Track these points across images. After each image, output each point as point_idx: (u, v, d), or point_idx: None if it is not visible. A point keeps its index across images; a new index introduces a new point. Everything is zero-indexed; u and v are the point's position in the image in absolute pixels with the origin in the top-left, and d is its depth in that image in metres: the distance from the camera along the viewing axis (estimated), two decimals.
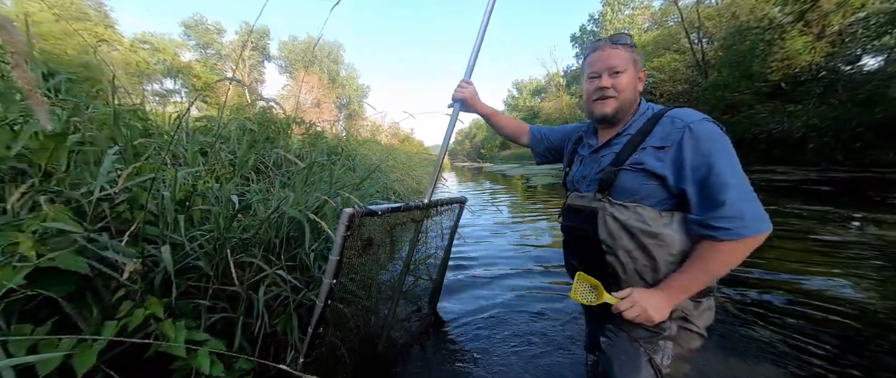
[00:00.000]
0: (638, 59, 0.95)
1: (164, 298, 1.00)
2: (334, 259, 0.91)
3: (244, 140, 1.73)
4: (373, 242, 1.12)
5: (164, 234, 1.03)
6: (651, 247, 0.84)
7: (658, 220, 0.84)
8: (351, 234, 0.94)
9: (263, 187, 1.73)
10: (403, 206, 1.18)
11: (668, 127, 0.86)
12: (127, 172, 0.86)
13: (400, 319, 1.69)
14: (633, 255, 0.86)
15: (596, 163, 1.00)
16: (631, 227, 0.85)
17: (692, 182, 0.79)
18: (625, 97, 0.94)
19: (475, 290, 2.32)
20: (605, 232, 0.90)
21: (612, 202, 0.89)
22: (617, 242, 0.88)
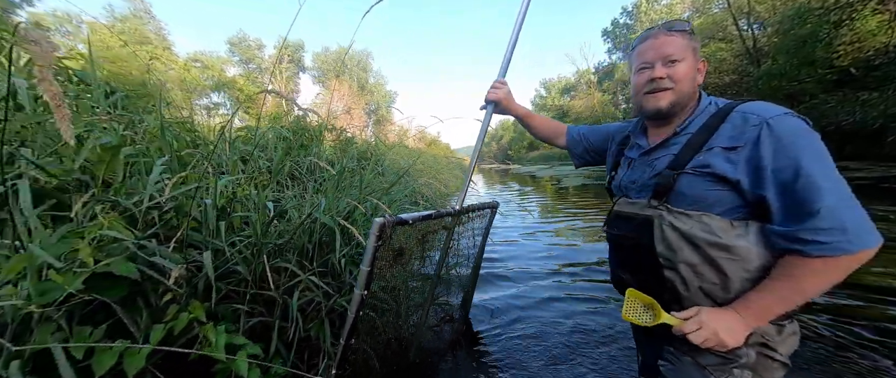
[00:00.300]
0: (697, 47, 0.84)
1: (206, 303, 1.05)
2: (365, 270, 0.89)
3: (279, 147, 1.79)
4: (404, 252, 1.09)
5: (206, 240, 1.08)
6: (722, 261, 0.72)
7: (729, 230, 0.72)
8: (382, 245, 0.92)
9: (298, 193, 1.78)
10: (435, 214, 1.15)
11: (739, 124, 0.74)
12: (173, 182, 0.90)
13: (431, 327, 1.65)
14: (698, 271, 0.75)
15: (649, 166, 0.89)
16: (695, 237, 0.74)
17: (774, 187, 0.68)
18: (682, 89, 0.82)
19: (508, 298, 2.23)
20: (663, 243, 0.79)
21: (670, 210, 0.79)
22: (677, 255, 0.77)
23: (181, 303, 0.98)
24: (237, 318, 1.17)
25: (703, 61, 0.87)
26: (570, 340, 1.73)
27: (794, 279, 0.67)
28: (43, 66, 0.34)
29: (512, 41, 1.17)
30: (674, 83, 0.82)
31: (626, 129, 1.11)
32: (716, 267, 0.73)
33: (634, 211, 0.88)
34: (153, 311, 0.94)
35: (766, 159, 0.69)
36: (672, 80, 0.82)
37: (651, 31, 0.86)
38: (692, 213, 0.75)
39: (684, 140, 0.82)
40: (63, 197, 0.98)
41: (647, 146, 0.94)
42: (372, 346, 1.32)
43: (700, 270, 0.75)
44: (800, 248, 0.65)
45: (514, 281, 2.54)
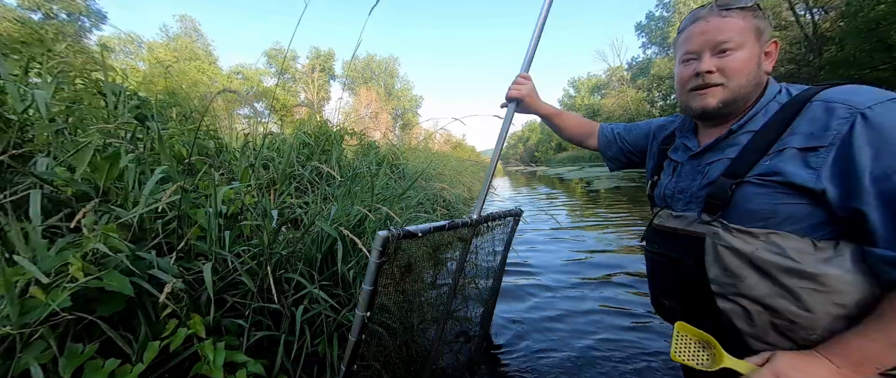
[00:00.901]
0: (765, 26, 0.67)
1: (213, 315, 1.00)
2: (367, 289, 0.80)
3: (291, 153, 1.76)
4: (413, 267, 0.98)
5: (211, 250, 1.04)
6: (803, 292, 0.57)
7: (812, 253, 0.56)
8: (386, 261, 0.82)
9: (314, 199, 1.74)
10: (449, 224, 1.03)
11: (821, 116, 0.58)
12: (171, 190, 0.86)
13: (448, 344, 1.54)
14: (769, 304, 0.60)
15: (699, 173, 0.74)
16: (764, 262, 0.59)
17: (877, 199, 0.51)
18: (738, 84, 0.67)
19: (533, 311, 2.06)
20: (718, 268, 0.65)
21: (727, 227, 0.64)
22: (739, 284, 0.62)
23: (181, 317, 0.94)
24: (242, 332, 1.12)
25: (773, 42, 0.69)
26: (603, 361, 1.54)
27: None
28: None
29: (536, 32, 1.03)
30: (726, 78, 0.67)
31: (670, 124, 0.94)
32: (795, 298, 0.58)
33: (680, 226, 0.73)
34: (153, 325, 0.91)
35: (862, 162, 0.52)
36: (724, 73, 0.67)
37: (701, 10, 0.70)
38: (758, 231, 0.60)
39: (745, 140, 0.67)
40: (78, 207, 0.98)
41: (696, 148, 0.77)
42: (382, 365, 1.23)
43: (772, 303, 0.60)
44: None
45: (541, 292, 2.35)
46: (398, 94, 45.01)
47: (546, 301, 2.22)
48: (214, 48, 35.99)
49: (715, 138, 0.73)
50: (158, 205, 0.80)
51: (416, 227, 0.88)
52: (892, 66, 11.05)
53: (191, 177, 1.19)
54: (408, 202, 1.86)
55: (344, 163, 2.83)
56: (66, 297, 0.68)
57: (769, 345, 0.61)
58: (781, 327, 0.60)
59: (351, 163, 2.84)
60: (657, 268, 0.85)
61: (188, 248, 1.09)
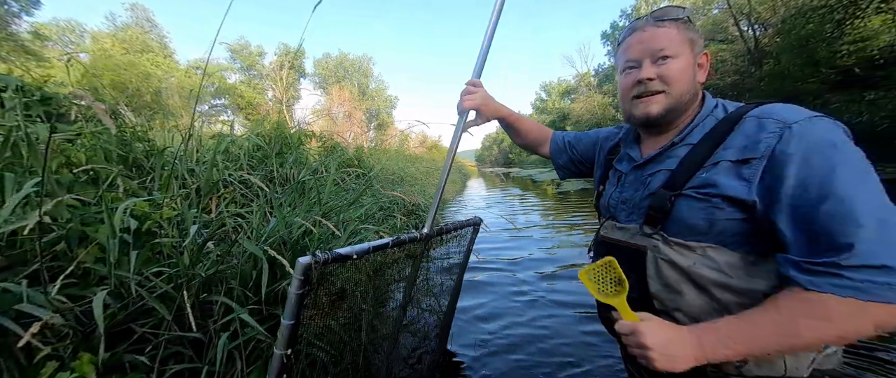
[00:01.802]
0: (696, 38, 0.69)
1: (112, 351, 0.85)
2: (287, 324, 0.70)
3: (216, 160, 1.61)
4: (347, 294, 0.89)
5: (111, 273, 0.89)
6: (734, 308, 0.58)
7: (743, 268, 0.57)
8: (310, 291, 0.73)
9: (256, 209, 1.59)
10: (393, 241, 0.94)
11: (753, 131, 0.59)
12: (50, 206, 0.71)
13: (402, 358, 1.45)
14: (704, 319, 0.59)
15: (641, 183, 0.74)
16: (700, 277, 0.59)
17: (790, 211, 0.51)
18: (678, 90, 0.68)
19: (494, 323, 2.02)
20: (659, 283, 0.64)
21: (667, 240, 0.63)
22: (677, 299, 0.62)
23: (65, 358, 0.78)
24: (151, 369, 0.97)
25: (704, 54, 0.71)
26: (563, 366, 1.53)
27: (794, 316, 0.49)
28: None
29: (488, 35, 0.96)
30: (666, 85, 0.68)
31: (616, 134, 0.94)
32: (724, 311, 0.58)
33: (623, 238, 0.72)
34: (25, 371, 0.75)
35: (784, 175, 0.52)
36: (664, 80, 0.68)
37: (638, 21, 0.72)
38: (695, 244, 0.61)
39: (683, 152, 0.67)
40: None
41: (639, 159, 0.77)
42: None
43: (707, 319, 0.59)
44: (820, 281, 0.48)
45: (503, 304, 2.32)
46: (372, 93, 44.14)
47: (508, 313, 2.19)
48: (170, 41, 33.47)
49: (657, 149, 0.73)
50: (23, 225, 0.65)
51: (349, 249, 0.79)
52: (818, 79, 12.37)
53: (94, 187, 1.02)
54: (361, 211, 1.76)
55: (304, 166, 2.65)
56: None
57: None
58: None
59: (310, 166, 2.67)
60: None
61: (85, 273, 0.93)
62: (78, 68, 2.05)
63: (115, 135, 1.55)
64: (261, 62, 38.60)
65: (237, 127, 4.98)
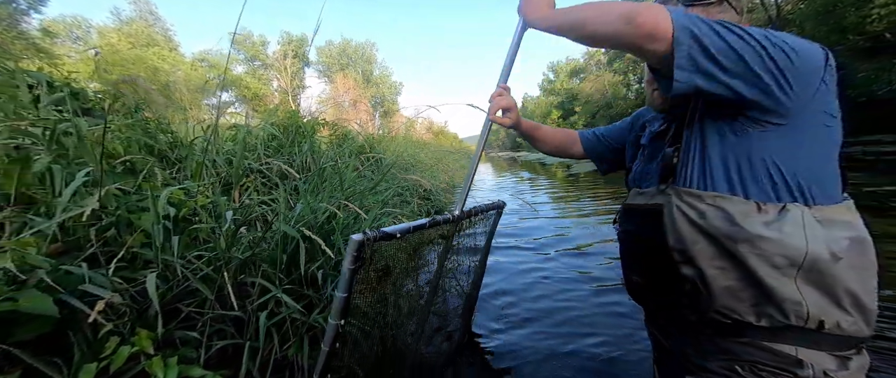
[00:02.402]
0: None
1: (165, 328, 0.92)
2: (341, 296, 0.74)
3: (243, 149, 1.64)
4: (391, 270, 0.93)
5: (158, 257, 0.94)
6: (745, 255, 0.56)
7: (753, 215, 0.56)
8: (361, 266, 0.77)
9: (280, 196, 1.63)
10: (429, 222, 0.98)
11: None
12: (99, 194, 0.76)
13: (428, 339, 1.51)
14: (719, 266, 0.59)
15: (659, 150, 0.76)
16: (710, 226, 0.59)
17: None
18: None
19: (516, 304, 2.07)
20: (675, 236, 0.64)
21: (678, 192, 0.64)
22: (692, 248, 0.62)
23: (124, 334, 0.85)
24: (201, 344, 1.04)
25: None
26: (586, 347, 1.57)
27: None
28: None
29: (514, 41, 0.94)
30: None
31: (646, 113, 0.94)
32: (737, 263, 0.57)
33: (643, 201, 0.75)
34: (92, 345, 0.82)
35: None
36: None
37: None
38: (705, 194, 0.61)
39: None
40: None
41: (658, 128, 0.80)
42: (358, 363, 1.19)
43: (721, 265, 0.59)
44: None
45: (523, 285, 2.37)
46: (377, 80, 43.71)
47: (528, 294, 2.24)
48: (174, 34, 33.48)
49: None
50: (82, 211, 0.70)
51: (393, 228, 0.82)
52: (846, 47, 11.70)
53: (132, 177, 1.07)
54: (381, 196, 1.79)
55: (318, 154, 2.69)
56: None
57: (727, 308, 0.60)
58: (733, 289, 0.59)
59: (324, 154, 2.71)
60: (626, 246, 0.87)
61: (133, 257, 0.99)
62: (89, 64, 2.08)
63: (141, 126, 1.59)
64: (264, 52, 38.42)
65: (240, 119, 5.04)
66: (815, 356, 0.56)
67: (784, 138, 0.56)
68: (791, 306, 0.55)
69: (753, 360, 0.59)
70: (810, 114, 0.56)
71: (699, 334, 0.67)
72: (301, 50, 39.46)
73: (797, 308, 0.55)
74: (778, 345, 0.58)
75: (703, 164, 0.62)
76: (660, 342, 0.82)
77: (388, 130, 6.89)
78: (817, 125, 0.57)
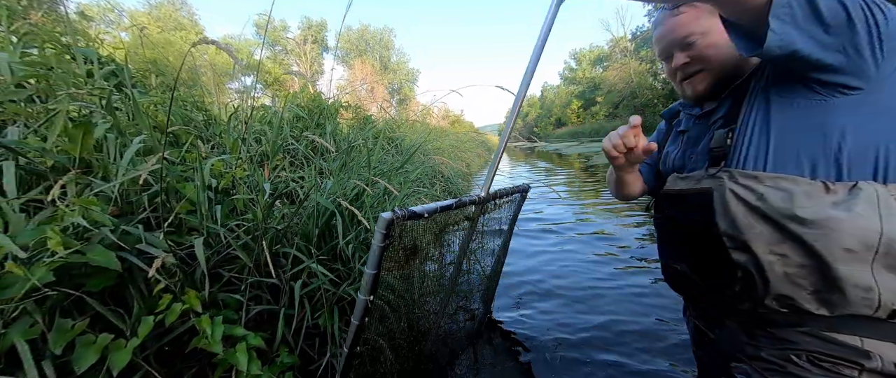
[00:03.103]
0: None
1: (209, 290, 0.98)
2: (370, 273, 0.77)
3: (283, 125, 1.69)
4: (418, 249, 0.95)
5: (202, 224, 1.00)
6: (812, 240, 0.52)
7: (821, 196, 0.52)
8: (390, 244, 0.79)
9: (308, 173, 1.68)
10: (456, 203, 0.98)
11: None
12: (153, 161, 0.80)
13: (450, 316, 1.55)
14: (778, 251, 0.55)
15: (704, 134, 0.73)
16: (770, 209, 0.55)
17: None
18: (718, 62, 0.69)
19: (536, 290, 2.08)
20: (726, 220, 0.60)
21: (732, 175, 0.60)
22: (748, 233, 0.58)
23: (176, 292, 0.91)
24: (241, 307, 1.11)
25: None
26: (605, 337, 1.56)
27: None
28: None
29: (550, 15, 0.85)
30: (703, 63, 0.70)
31: (677, 105, 0.91)
32: (802, 248, 0.53)
33: (688, 186, 0.70)
34: (147, 300, 0.89)
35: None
36: (699, 61, 0.70)
37: (658, 15, 0.76)
38: (764, 175, 0.57)
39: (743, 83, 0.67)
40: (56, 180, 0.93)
41: (700, 111, 0.77)
42: (384, 340, 1.24)
43: (781, 250, 0.55)
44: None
45: (544, 271, 2.37)
46: (394, 67, 43.50)
47: (548, 276, 2.23)
48: (199, 18, 34.27)
49: (718, 103, 0.72)
50: (139, 175, 0.75)
51: (421, 208, 0.83)
52: None
53: (176, 148, 1.13)
54: (406, 176, 1.81)
55: (339, 137, 2.74)
56: (46, 271, 0.65)
57: (785, 297, 0.57)
58: (794, 276, 0.56)
59: (346, 137, 2.75)
60: (667, 233, 0.83)
61: (179, 223, 1.05)
62: (119, 46, 2.17)
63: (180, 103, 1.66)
64: (285, 37, 38.80)
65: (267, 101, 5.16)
66: (883, 348, 0.52)
67: (859, 108, 0.52)
68: (860, 293, 0.51)
69: (812, 350, 0.56)
70: (892, 84, 0.51)
71: (751, 322, 0.64)
72: (320, 35, 39.59)
73: (868, 295, 0.51)
74: (842, 335, 0.54)
75: (764, 143, 0.58)
76: (702, 332, 0.80)
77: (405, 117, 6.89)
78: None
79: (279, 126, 1.49)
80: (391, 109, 9.76)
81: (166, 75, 1.85)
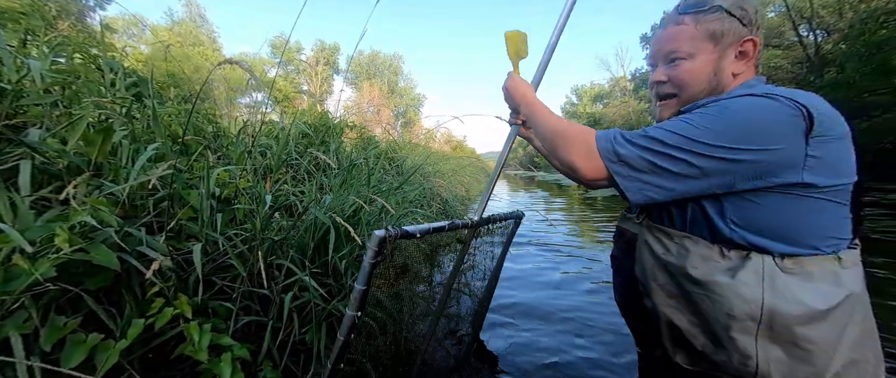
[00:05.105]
0: (723, 29, 0.62)
1: (201, 297, 0.99)
2: (360, 289, 0.78)
3: (288, 140, 1.75)
4: (409, 268, 0.97)
5: (201, 231, 1.03)
6: (697, 298, 0.56)
7: (714, 261, 0.55)
8: (381, 261, 0.81)
9: (309, 188, 1.73)
10: (448, 225, 1.01)
11: None
12: (163, 168, 0.85)
13: (438, 343, 1.53)
14: (675, 306, 0.60)
15: None
16: (670, 264, 0.59)
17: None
18: (689, 93, 0.66)
19: (527, 316, 2.05)
20: (640, 267, 0.66)
21: (651, 226, 0.65)
22: (652, 284, 0.63)
23: (168, 296, 0.92)
24: (231, 316, 1.11)
25: (748, 41, 0.63)
26: (596, 364, 1.54)
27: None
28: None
29: (549, 48, 0.95)
30: (677, 87, 0.67)
31: None
32: (691, 303, 0.57)
33: (625, 227, 0.77)
34: (139, 303, 0.90)
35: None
36: (674, 83, 0.67)
37: (666, 16, 0.70)
38: (675, 232, 0.61)
39: None
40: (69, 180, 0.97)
41: None
42: (370, 362, 1.22)
43: (677, 305, 0.60)
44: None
45: (536, 301, 2.35)
46: (401, 91, 44.90)
47: (540, 309, 2.21)
48: (219, 35, 35.83)
49: None
50: (149, 179, 0.79)
51: (414, 228, 0.86)
52: (891, 89, 11.15)
53: (185, 157, 1.18)
54: (404, 196, 1.85)
55: (342, 155, 2.81)
56: (49, 267, 0.67)
57: (679, 349, 0.61)
58: (687, 331, 0.58)
59: (349, 155, 2.83)
60: (613, 268, 0.87)
61: (179, 229, 1.08)
62: (139, 58, 2.28)
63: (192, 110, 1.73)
64: (298, 58, 40.36)
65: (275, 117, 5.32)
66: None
67: (762, 197, 0.53)
68: (740, 359, 0.52)
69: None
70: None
71: (664, 370, 0.67)
72: (333, 58, 41.19)
73: (747, 363, 0.52)
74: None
75: (680, 205, 0.60)
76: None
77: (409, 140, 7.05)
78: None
79: (285, 141, 1.55)
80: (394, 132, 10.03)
81: (183, 88, 1.94)
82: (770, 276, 0.51)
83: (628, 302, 0.77)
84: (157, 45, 24.83)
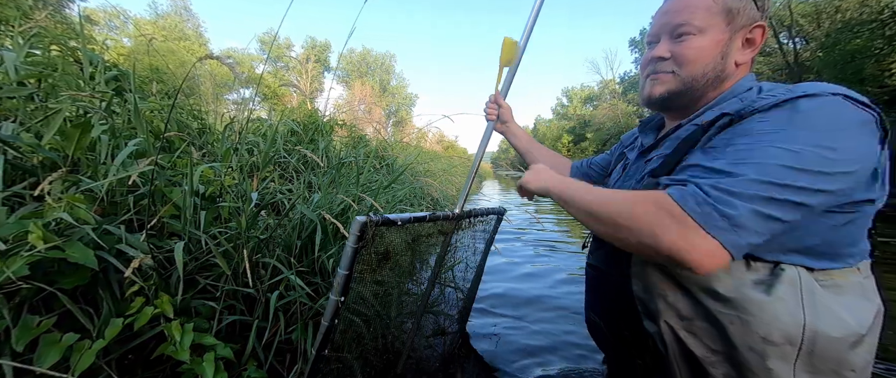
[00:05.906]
0: (739, 7, 0.56)
1: (183, 296, 0.97)
2: (343, 273, 0.79)
3: (276, 137, 1.73)
4: (390, 255, 0.98)
5: (185, 229, 1.01)
6: (724, 320, 0.46)
7: (741, 273, 0.46)
8: (364, 246, 0.82)
9: (297, 186, 1.71)
10: (429, 216, 1.03)
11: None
12: (144, 164, 0.83)
13: (424, 336, 1.54)
14: (691, 328, 0.49)
15: (639, 170, 0.67)
16: (685, 279, 0.49)
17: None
18: (690, 72, 0.58)
19: (512, 307, 2.08)
20: (641, 284, 0.54)
21: None
22: (660, 302, 0.52)
23: (149, 296, 0.91)
24: (214, 315, 1.09)
25: (757, 26, 0.57)
26: (581, 361, 1.57)
27: (593, 191, 0.56)
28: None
29: (520, 49, 0.94)
30: (678, 65, 0.59)
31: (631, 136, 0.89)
32: (716, 326, 0.47)
33: None
34: (118, 303, 0.88)
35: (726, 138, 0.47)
36: (677, 60, 0.59)
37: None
38: None
39: (687, 133, 0.57)
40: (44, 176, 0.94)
41: (647, 144, 0.70)
42: (355, 356, 1.22)
43: (693, 328, 0.49)
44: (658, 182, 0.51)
45: (523, 295, 2.38)
46: (393, 90, 44.67)
47: (526, 301, 2.24)
48: (205, 30, 34.97)
49: (666, 132, 0.64)
50: (129, 176, 0.77)
51: (395, 216, 0.88)
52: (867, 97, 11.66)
53: (168, 153, 1.16)
54: (393, 194, 1.85)
55: (332, 153, 2.79)
56: (22, 264, 0.65)
57: (682, 372, 0.52)
58: (701, 357, 0.49)
59: (339, 153, 2.80)
60: (588, 279, 0.78)
61: (161, 227, 1.06)
62: (121, 51, 2.23)
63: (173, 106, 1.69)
64: (288, 54, 39.74)
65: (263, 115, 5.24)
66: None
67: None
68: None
69: None
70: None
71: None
72: (323, 55, 40.68)
73: None
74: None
75: None
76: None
77: (400, 139, 7.03)
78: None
79: (273, 138, 1.53)
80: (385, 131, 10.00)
81: (166, 83, 1.90)
82: (809, 291, 0.43)
83: (612, 325, 0.66)
84: (140, 39, 24.20)
